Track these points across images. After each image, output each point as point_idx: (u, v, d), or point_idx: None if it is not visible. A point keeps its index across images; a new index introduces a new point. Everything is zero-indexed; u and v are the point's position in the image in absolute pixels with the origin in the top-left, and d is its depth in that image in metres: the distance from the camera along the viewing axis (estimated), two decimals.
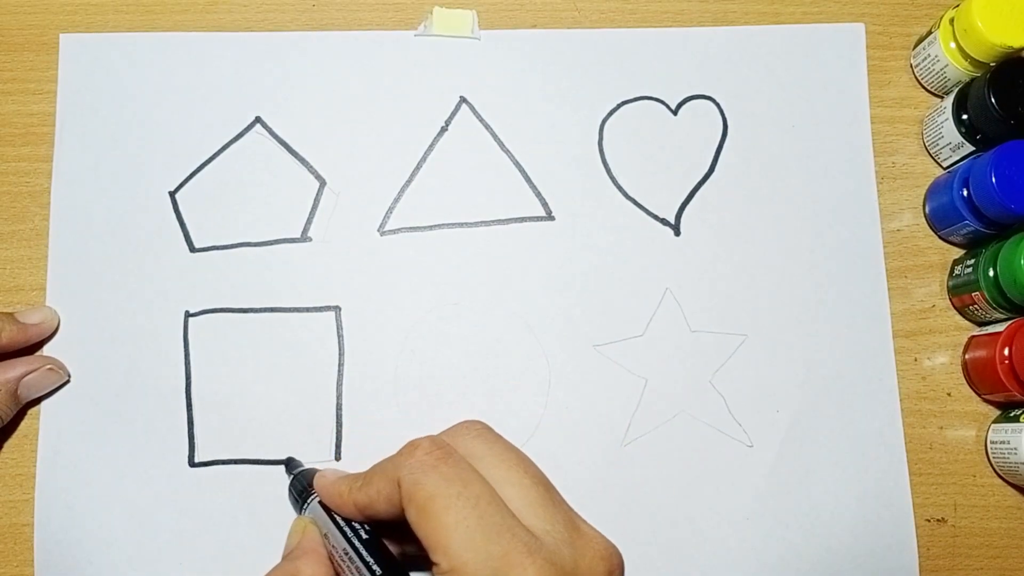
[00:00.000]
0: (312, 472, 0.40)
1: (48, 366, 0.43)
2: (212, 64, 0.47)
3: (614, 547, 0.32)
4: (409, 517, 0.31)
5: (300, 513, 0.39)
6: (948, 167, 0.47)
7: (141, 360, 0.44)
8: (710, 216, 0.46)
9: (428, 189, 0.46)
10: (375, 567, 0.33)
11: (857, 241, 0.46)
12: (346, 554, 0.34)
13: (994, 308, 0.43)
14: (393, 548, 0.36)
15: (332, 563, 0.35)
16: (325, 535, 0.36)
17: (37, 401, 0.43)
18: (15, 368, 0.42)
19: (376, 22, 0.48)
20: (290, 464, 0.42)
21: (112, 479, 0.43)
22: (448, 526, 0.29)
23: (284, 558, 0.37)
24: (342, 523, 0.36)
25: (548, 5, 0.48)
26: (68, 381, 0.44)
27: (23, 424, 0.44)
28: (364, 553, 0.34)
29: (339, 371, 0.44)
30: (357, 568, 0.34)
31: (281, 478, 0.43)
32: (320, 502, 0.37)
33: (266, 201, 0.46)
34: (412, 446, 0.33)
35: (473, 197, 0.46)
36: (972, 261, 0.44)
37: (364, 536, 0.35)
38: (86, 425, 0.43)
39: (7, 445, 0.43)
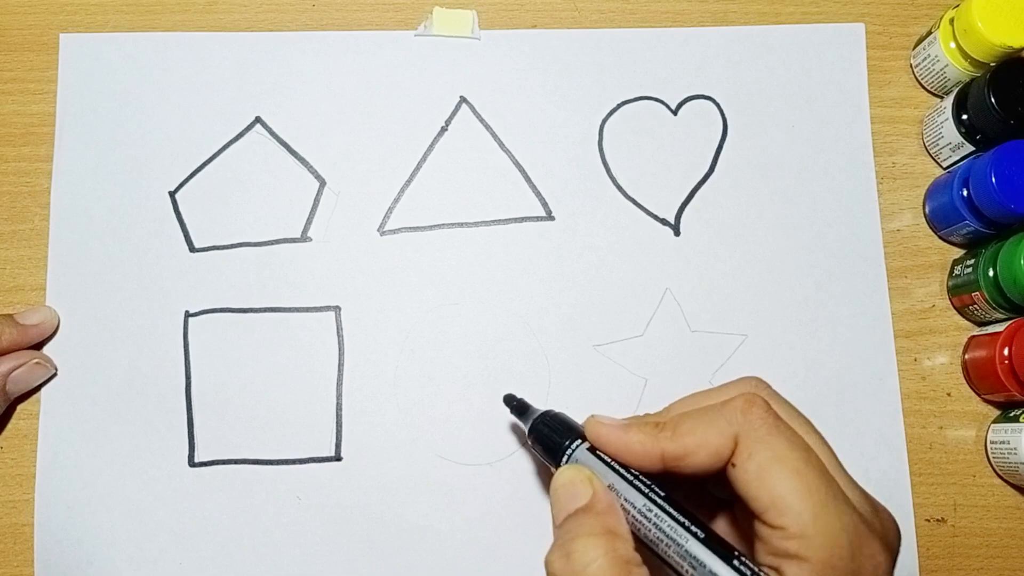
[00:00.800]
0: (560, 415, 0.36)
1: (35, 360, 0.43)
2: (212, 64, 0.47)
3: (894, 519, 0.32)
4: (742, 476, 0.29)
5: (558, 462, 0.34)
6: (948, 167, 0.47)
7: (141, 360, 0.44)
8: (710, 216, 0.46)
9: (428, 189, 0.46)
10: (694, 528, 0.29)
11: (857, 241, 0.46)
12: (649, 512, 0.30)
13: (994, 308, 0.43)
14: None
15: None
16: (609, 486, 0.32)
17: (26, 396, 0.43)
18: (2, 364, 0.42)
19: (376, 22, 0.48)
20: (516, 404, 0.38)
21: (112, 479, 0.43)
22: (799, 491, 0.28)
23: (581, 512, 0.31)
24: (631, 477, 0.31)
25: (548, 5, 0.48)
26: (55, 374, 0.44)
27: (23, 424, 0.44)
28: (675, 512, 0.30)
29: (339, 371, 0.44)
30: (669, 528, 0.29)
31: (279, 477, 0.43)
32: (592, 449, 0.33)
33: (266, 201, 0.46)
34: (748, 402, 0.31)
35: (473, 197, 0.46)
36: (972, 261, 0.44)
37: (661, 493, 0.31)
38: (86, 425, 0.43)
39: (7, 445, 0.43)
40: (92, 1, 0.47)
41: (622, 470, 0.32)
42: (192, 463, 0.43)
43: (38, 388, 0.44)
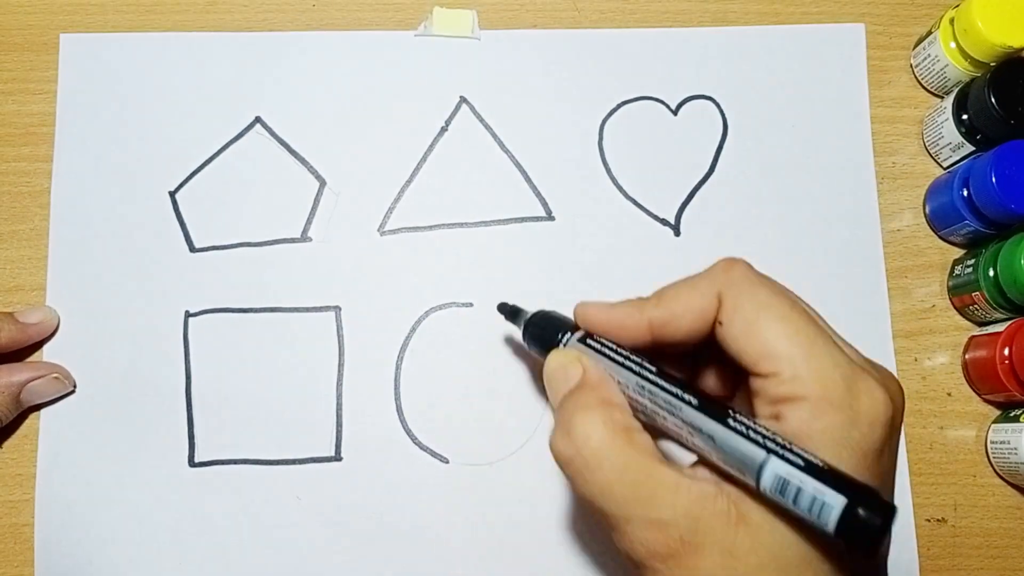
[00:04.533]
0: (552, 313, 0.36)
1: (54, 374, 0.42)
2: (212, 64, 0.47)
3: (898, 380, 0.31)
4: (730, 331, 0.29)
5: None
6: (948, 167, 0.47)
7: (141, 360, 0.44)
8: (710, 216, 0.46)
9: (428, 189, 0.46)
10: (687, 396, 0.29)
11: (857, 241, 0.46)
12: (642, 388, 0.30)
13: (994, 308, 0.43)
14: None
15: None
16: None
17: (38, 406, 0.43)
18: (21, 372, 0.42)
19: (376, 22, 0.48)
20: (509, 309, 0.39)
21: (112, 479, 0.43)
22: (787, 335, 0.28)
23: (578, 390, 0.31)
24: (621, 358, 0.31)
25: (548, 5, 0.48)
26: (73, 391, 0.44)
27: (23, 424, 0.43)
28: (667, 384, 0.30)
29: (339, 371, 0.44)
30: (664, 401, 0.29)
31: (279, 477, 0.43)
32: (581, 339, 0.33)
33: (266, 201, 0.46)
34: (729, 262, 0.31)
35: (473, 197, 0.46)
36: (972, 261, 0.44)
37: (653, 368, 0.30)
38: (86, 425, 0.43)
39: (7, 445, 0.43)
40: (92, 1, 0.47)
41: (612, 352, 0.32)
42: (192, 463, 0.43)
43: (52, 401, 0.43)
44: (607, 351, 0.32)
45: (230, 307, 0.45)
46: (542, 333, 0.36)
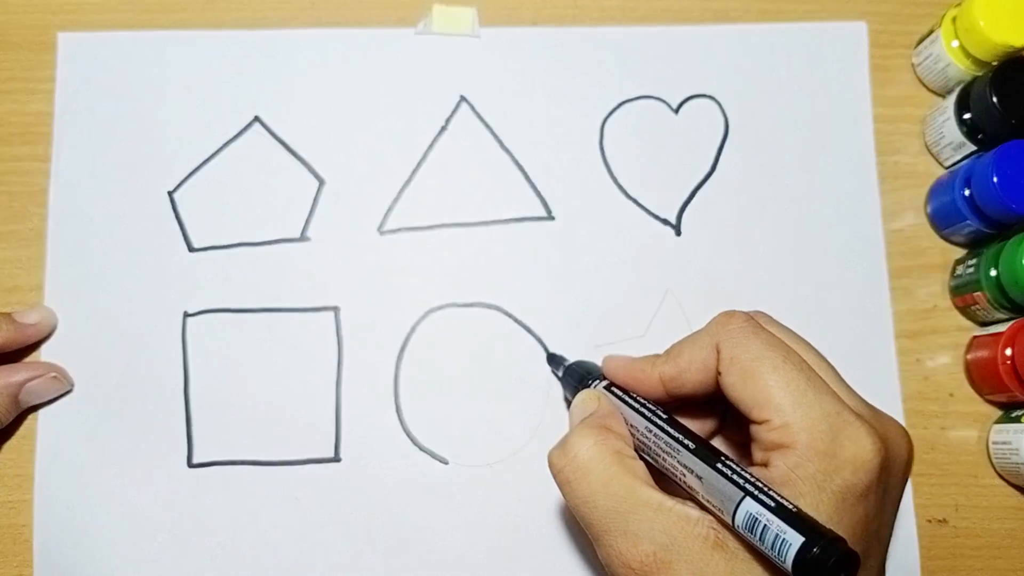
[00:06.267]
0: (587, 362, 0.41)
1: (52, 374, 0.42)
2: (211, 63, 0.47)
3: (905, 429, 0.33)
4: (727, 380, 0.31)
5: None
6: (950, 167, 0.47)
7: (139, 360, 0.44)
8: (711, 216, 0.46)
9: (428, 189, 0.46)
10: (686, 440, 0.32)
11: (859, 241, 0.46)
12: (649, 431, 0.34)
13: (996, 308, 0.43)
14: None
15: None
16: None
17: (37, 407, 0.43)
18: (19, 373, 0.42)
19: (376, 20, 0.48)
20: (555, 358, 0.43)
21: (111, 479, 0.43)
22: (779, 385, 0.30)
23: (587, 418, 0.35)
24: (638, 404, 0.35)
25: (549, 3, 0.48)
26: (71, 390, 0.43)
27: (22, 424, 0.43)
28: (671, 429, 0.33)
29: (338, 371, 0.44)
30: (665, 444, 0.33)
31: (278, 478, 0.43)
32: (607, 387, 0.37)
33: (265, 201, 0.46)
34: (727, 316, 0.33)
35: (473, 197, 0.46)
36: (974, 261, 0.44)
37: (664, 415, 0.34)
38: (85, 425, 0.43)
39: (6, 446, 0.43)
40: (90, 0, 0.47)
41: (629, 399, 0.35)
42: (191, 464, 0.43)
43: (51, 401, 0.43)
44: (625, 397, 0.36)
45: (228, 307, 0.45)
46: (577, 378, 0.40)
